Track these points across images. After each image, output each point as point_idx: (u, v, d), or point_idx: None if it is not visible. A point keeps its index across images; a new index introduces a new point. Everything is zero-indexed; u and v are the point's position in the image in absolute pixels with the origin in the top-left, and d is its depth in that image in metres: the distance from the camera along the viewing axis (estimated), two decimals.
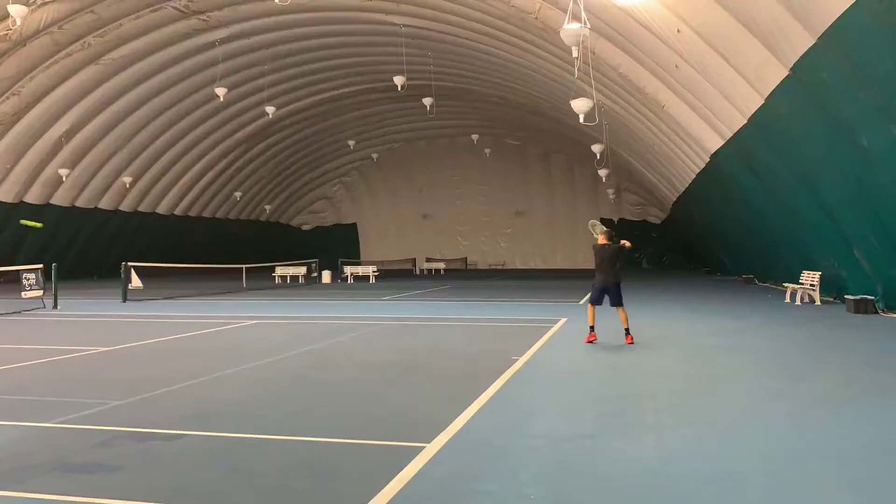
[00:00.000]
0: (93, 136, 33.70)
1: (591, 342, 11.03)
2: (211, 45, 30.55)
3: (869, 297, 15.49)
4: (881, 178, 12.94)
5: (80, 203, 36.53)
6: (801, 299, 18.60)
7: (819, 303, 18.13)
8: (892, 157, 12.13)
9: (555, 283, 30.59)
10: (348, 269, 37.20)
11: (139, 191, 39.64)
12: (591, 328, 11.25)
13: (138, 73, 31.33)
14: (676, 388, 7.69)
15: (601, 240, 11.52)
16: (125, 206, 39.60)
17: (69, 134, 32.32)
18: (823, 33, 11.61)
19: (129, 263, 23.32)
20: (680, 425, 6.08)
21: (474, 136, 48.15)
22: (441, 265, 48.91)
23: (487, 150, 51.44)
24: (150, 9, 26.96)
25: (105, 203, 38.19)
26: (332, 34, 31.75)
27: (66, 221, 35.94)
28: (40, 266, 20.45)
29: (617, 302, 11.20)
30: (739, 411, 6.60)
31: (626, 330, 11.06)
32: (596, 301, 11.45)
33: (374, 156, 53.37)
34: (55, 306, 19.01)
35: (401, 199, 57.70)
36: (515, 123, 46.63)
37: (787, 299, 19.26)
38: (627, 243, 11.49)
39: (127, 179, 37.16)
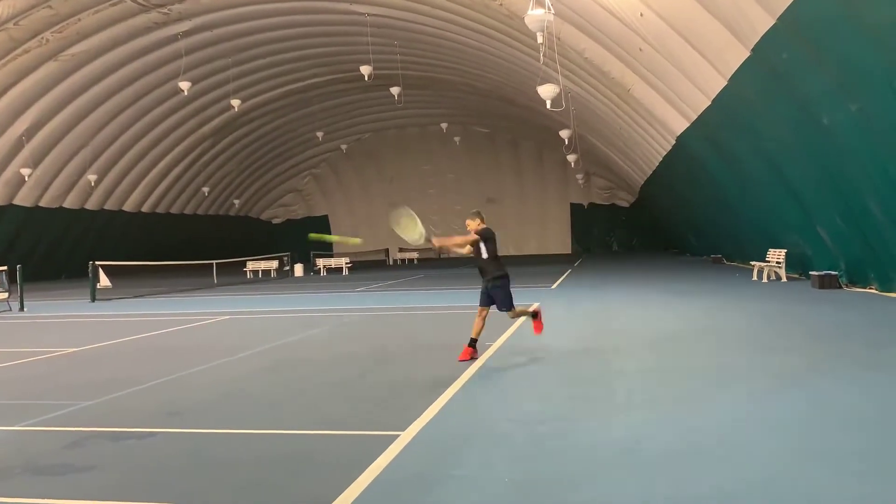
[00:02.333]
0: (54, 135, 33.03)
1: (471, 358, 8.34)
2: (173, 39, 30.07)
3: (833, 272, 15.84)
4: (842, 156, 13.19)
5: (43, 203, 35.84)
6: (768, 277, 18.95)
7: (785, 279, 18.49)
8: (852, 135, 12.36)
9: (527, 269, 30.75)
10: (321, 262, 37.02)
11: (104, 189, 38.99)
12: (474, 341, 8.48)
13: (99, 69, 30.74)
14: (646, 367, 7.80)
15: (477, 224, 8.40)
16: (91, 205, 38.94)
17: (29, 132, 31.64)
18: (782, 14, 11.78)
19: (97, 263, 22.97)
20: (650, 404, 6.17)
21: (443, 125, 48.08)
22: (414, 255, 48.88)
23: (457, 139, 51.44)
24: (109, 3, 26.44)
25: (70, 202, 37.52)
26: (295, 25, 31.43)
27: (29, 222, 35.26)
28: (4, 268, 20.06)
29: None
30: (709, 388, 6.72)
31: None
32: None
33: (343, 147, 53.06)
34: (21, 308, 18.68)
35: (372, 190, 57.49)
36: (484, 111, 46.66)
37: (755, 277, 19.60)
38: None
39: (91, 177, 36.51)
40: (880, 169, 12.00)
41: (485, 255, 8.31)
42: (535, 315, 8.95)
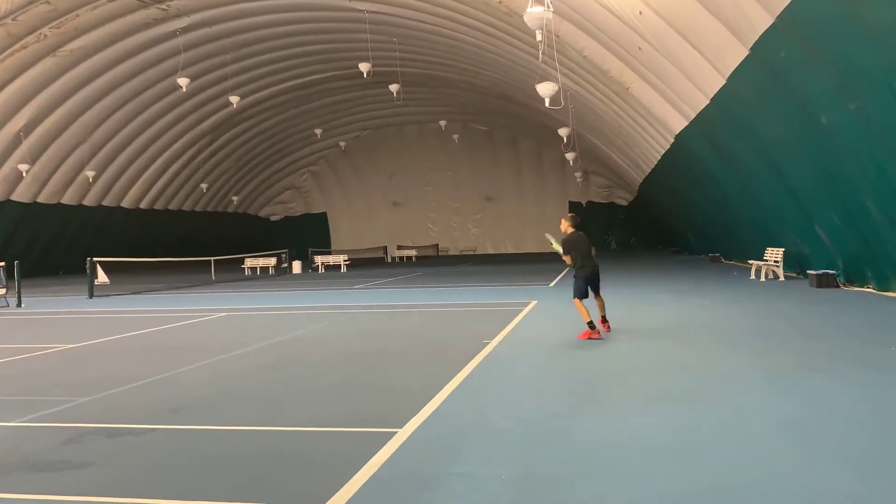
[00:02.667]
0: (52, 130, 32.96)
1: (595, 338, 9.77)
2: (172, 35, 30.00)
3: (830, 271, 15.85)
4: (840, 156, 13.20)
5: (41, 199, 35.76)
6: (766, 275, 18.96)
7: (783, 278, 18.50)
8: (850, 135, 12.37)
9: (525, 266, 30.77)
10: (319, 259, 36.99)
11: (103, 185, 38.92)
12: (591, 323, 9.95)
13: (97, 65, 30.67)
14: (644, 365, 7.80)
15: (569, 228, 10.44)
16: (88, 201, 38.86)
17: (27, 128, 31.58)
18: (781, 13, 11.78)
19: (95, 259, 22.96)
20: (649, 402, 6.18)
21: (442, 123, 48.02)
22: (412, 252, 48.85)
23: (456, 136, 51.39)
24: None
25: (68, 198, 37.43)
26: (295, 21, 31.38)
27: (27, 218, 35.18)
28: (2, 264, 20.03)
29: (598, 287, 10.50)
30: (706, 386, 6.73)
31: (605, 317, 10.40)
32: (586, 294, 10.22)
33: (342, 144, 52.99)
34: (19, 304, 18.65)
35: (370, 188, 57.43)
36: (483, 109, 46.62)
37: (752, 276, 19.61)
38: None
39: (90, 173, 36.43)
40: (878, 168, 12.01)
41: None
42: (591, 325, 9.89)
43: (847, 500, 3.88)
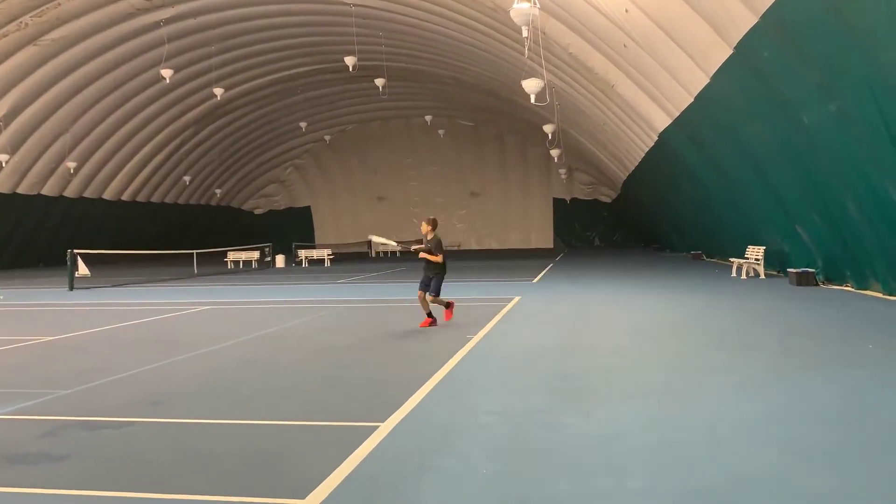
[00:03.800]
0: (33, 120, 32.58)
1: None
2: (156, 26, 29.73)
3: (810, 270, 16.02)
4: (821, 156, 13.32)
5: (21, 189, 35.35)
6: (747, 273, 19.14)
7: (763, 276, 18.68)
8: (831, 135, 12.48)
9: (509, 262, 30.83)
10: (302, 253, 36.85)
11: (84, 176, 38.53)
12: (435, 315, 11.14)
13: (79, 55, 30.33)
14: (626, 363, 7.85)
15: (432, 231, 11.24)
16: (70, 192, 38.47)
17: (7, 118, 31.18)
18: (765, 13, 11.87)
19: (76, 251, 22.73)
20: (630, 399, 6.22)
21: (428, 118, 47.99)
22: (397, 248, 48.74)
23: (441, 132, 51.37)
24: None
25: (48, 189, 37.04)
26: (280, 14, 31.19)
27: (7, 209, 34.78)
28: None
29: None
30: (688, 384, 6.78)
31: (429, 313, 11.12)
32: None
33: (327, 138, 52.79)
34: None
35: (355, 182, 57.29)
36: (469, 104, 46.63)
37: (734, 273, 19.79)
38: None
39: (71, 164, 36.05)
40: (858, 169, 12.13)
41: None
42: (449, 306, 11.34)
43: (825, 495, 3.93)
